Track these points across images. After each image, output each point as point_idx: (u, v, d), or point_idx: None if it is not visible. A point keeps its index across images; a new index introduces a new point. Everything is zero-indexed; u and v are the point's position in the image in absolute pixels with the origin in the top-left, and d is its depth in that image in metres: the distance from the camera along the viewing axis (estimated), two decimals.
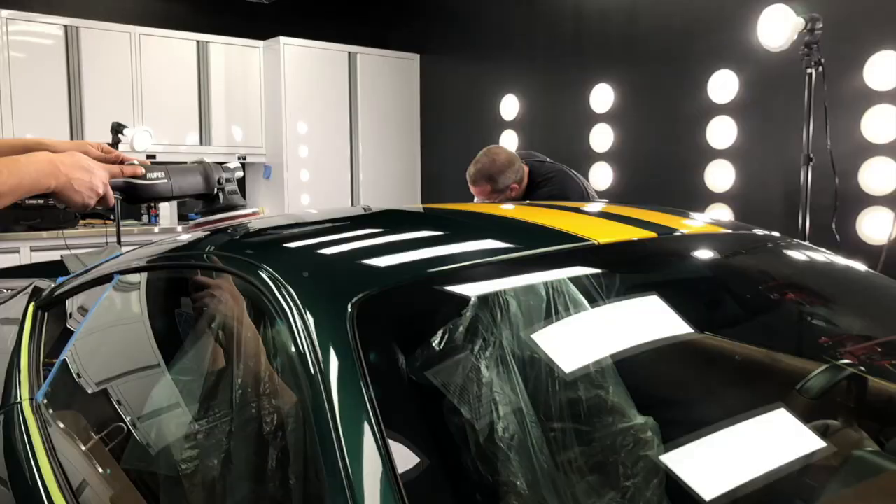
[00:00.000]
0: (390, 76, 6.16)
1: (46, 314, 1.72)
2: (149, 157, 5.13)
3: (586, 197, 3.11)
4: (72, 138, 4.98)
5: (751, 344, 1.34)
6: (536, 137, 5.41)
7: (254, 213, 1.56)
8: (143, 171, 1.33)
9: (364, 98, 6.01)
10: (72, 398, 1.33)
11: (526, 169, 3.03)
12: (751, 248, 1.36)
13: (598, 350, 1.20)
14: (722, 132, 4.32)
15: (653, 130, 4.70)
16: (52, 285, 1.97)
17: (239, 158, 5.73)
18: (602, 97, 4.93)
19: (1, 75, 4.68)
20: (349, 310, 0.92)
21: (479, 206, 1.63)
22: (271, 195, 5.85)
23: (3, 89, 4.69)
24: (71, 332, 1.55)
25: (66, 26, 4.90)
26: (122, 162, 1.37)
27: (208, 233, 1.38)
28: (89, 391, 1.33)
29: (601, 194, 4.91)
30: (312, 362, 0.89)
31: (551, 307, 1.19)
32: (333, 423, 0.79)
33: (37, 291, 1.94)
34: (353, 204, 6.03)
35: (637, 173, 4.82)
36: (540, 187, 3.03)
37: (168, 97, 5.32)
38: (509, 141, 5.57)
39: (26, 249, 4.54)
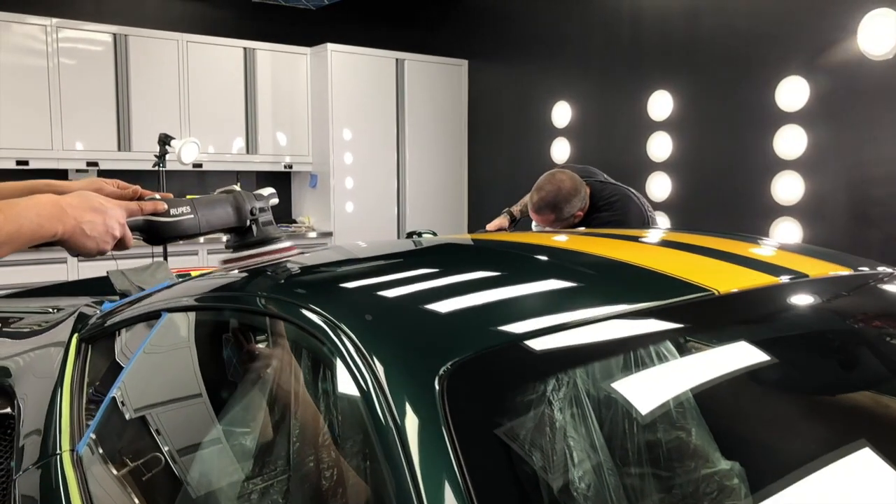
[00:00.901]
0: (437, 82, 6.03)
1: (90, 348, 1.61)
2: (195, 166, 5.07)
3: (648, 224, 2.92)
4: (119, 148, 4.95)
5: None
6: (590, 146, 5.21)
7: (289, 248, 1.41)
8: (166, 206, 1.18)
9: (411, 105, 5.88)
10: (115, 453, 1.20)
11: (587, 190, 2.86)
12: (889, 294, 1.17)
13: (679, 388, 1.03)
14: (790, 142, 4.08)
15: (715, 139, 4.48)
16: (98, 313, 1.86)
17: (285, 167, 5.66)
18: (661, 104, 4.72)
19: (50, 83, 4.66)
20: (437, 382, 0.76)
21: (565, 239, 1.46)
22: (317, 204, 5.76)
23: (53, 98, 4.67)
24: (116, 371, 1.43)
25: (114, 34, 4.86)
26: (141, 198, 1.23)
27: (264, 272, 1.24)
28: (134, 446, 1.21)
29: (659, 206, 4.70)
30: (393, 445, 0.74)
31: (647, 357, 1.03)
32: None
33: (81, 318, 1.83)
34: (398, 212, 5.91)
35: (698, 184, 4.60)
36: (600, 211, 2.85)
37: (215, 105, 5.26)
38: (561, 149, 5.39)
39: (73, 260, 4.51)
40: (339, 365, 0.84)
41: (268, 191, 1.40)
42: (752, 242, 1.49)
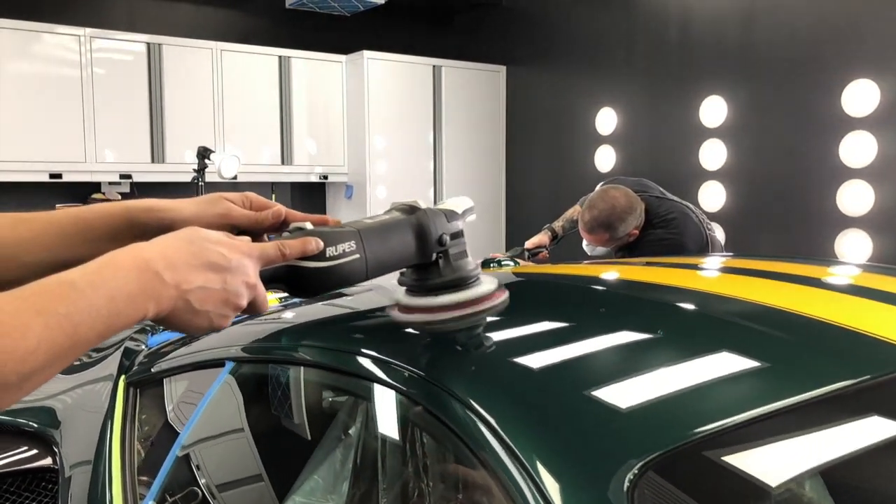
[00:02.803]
0: (475, 89, 5.85)
1: (139, 393, 1.44)
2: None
3: (707, 244, 2.72)
4: (153, 160, 4.82)
5: None
6: (637, 154, 5.00)
7: (498, 294, 0.95)
8: (320, 244, 0.76)
9: (448, 112, 5.71)
10: None
11: (642, 207, 2.66)
12: None
13: None
14: (858, 149, 3.85)
15: (774, 147, 4.25)
16: (144, 351, 1.69)
17: (320, 177, 5.51)
18: (713, 110, 4.50)
19: (84, 95, 4.55)
20: (626, 489, 0.58)
21: (711, 277, 1.25)
22: (353, 215, 5.59)
23: (87, 109, 4.56)
24: (173, 427, 1.26)
25: (148, 43, 4.74)
26: (282, 226, 0.83)
27: (341, 318, 1.05)
28: None
29: (712, 217, 4.47)
30: None
31: None
32: None
33: (127, 354, 1.67)
34: None
35: (754, 194, 4.37)
36: (656, 228, 2.66)
37: (249, 115, 5.12)
38: (606, 157, 5.18)
39: None
40: (483, 472, 0.65)
41: (461, 203, 0.95)
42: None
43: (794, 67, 4.10)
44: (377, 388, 0.90)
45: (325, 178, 5.53)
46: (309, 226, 0.79)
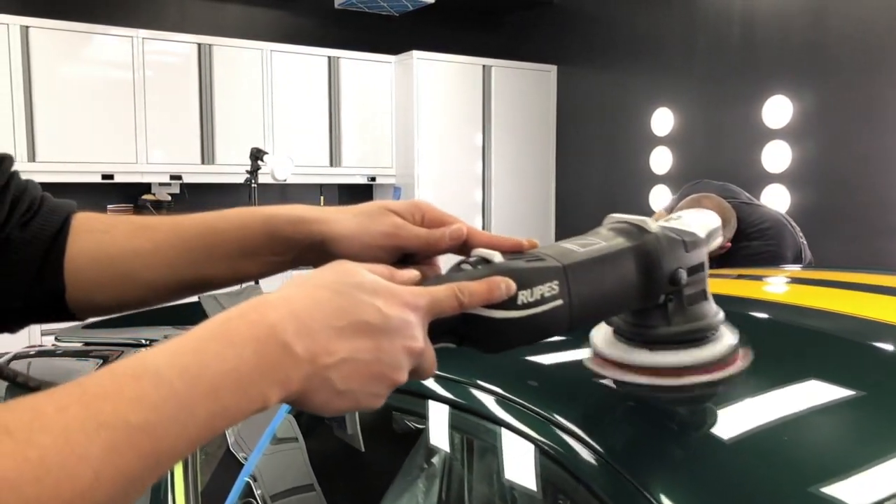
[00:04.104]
0: (525, 89, 5.73)
1: None
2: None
3: (801, 254, 2.55)
4: (203, 161, 4.80)
5: None
6: (695, 156, 4.83)
7: (744, 351, 0.71)
8: (512, 288, 0.54)
9: (498, 113, 5.60)
10: None
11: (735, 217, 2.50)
12: None
13: None
14: None
15: (842, 148, 4.05)
16: None
17: (369, 179, 5.44)
18: (778, 110, 4.32)
19: (136, 96, 4.55)
20: None
21: None
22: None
23: (138, 111, 4.56)
24: (234, 452, 1.18)
25: (199, 44, 4.73)
26: (461, 248, 0.62)
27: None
28: None
29: None
30: None
31: None
32: None
33: None
34: (483, 226, 5.62)
35: (822, 198, 4.17)
36: (751, 239, 2.49)
37: (298, 116, 5.09)
38: (662, 159, 5.01)
39: None
40: None
41: (704, 222, 0.70)
42: None
43: (866, 64, 3.90)
44: (514, 439, 0.73)
45: (373, 179, 5.47)
46: (498, 256, 0.56)
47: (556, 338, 0.59)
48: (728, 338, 0.69)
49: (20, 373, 0.46)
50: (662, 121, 5.01)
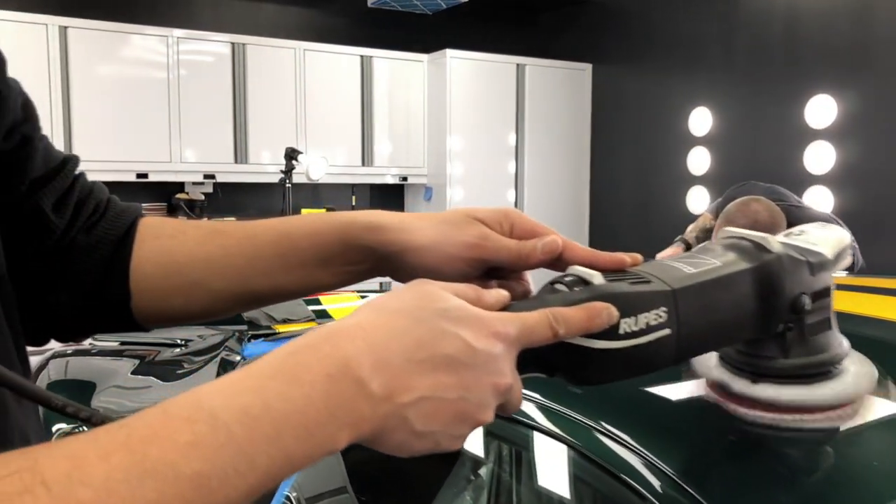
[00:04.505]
0: (560, 88, 5.66)
1: None
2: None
3: (855, 259, 2.46)
4: (236, 160, 4.81)
5: None
6: (734, 156, 4.73)
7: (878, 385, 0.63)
8: (614, 315, 0.46)
9: (532, 112, 5.53)
10: None
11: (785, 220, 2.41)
12: None
13: None
14: None
15: (890, 149, 3.93)
16: (240, 363, 1.60)
17: (401, 179, 5.41)
18: (821, 110, 4.20)
19: (170, 95, 4.57)
20: None
21: None
22: None
23: (172, 110, 4.58)
24: None
25: (232, 43, 4.74)
26: (555, 263, 0.56)
27: None
28: None
29: None
30: None
31: None
32: None
33: (224, 367, 1.58)
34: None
35: (868, 200, 4.05)
36: None
37: (331, 115, 5.07)
38: (700, 159, 4.91)
39: None
40: None
41: (833, 240, 0.61)
42: None
43: None
44: (572, 454, 0.69)
45: (405, 179, 5.44)
46: (597, 277, 0.48)
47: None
48: (855, 372, 0.60)
49: (70, 403, 0.42)
50: (700, 120, 4.91)
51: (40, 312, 0.59)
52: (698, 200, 4.92)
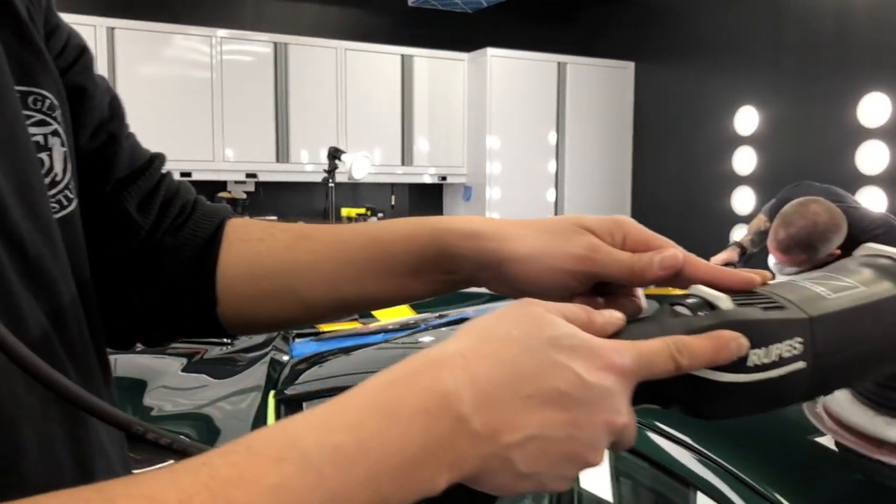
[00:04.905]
0: (601, 87, 5.59)
1: (292, 411, 1.32)
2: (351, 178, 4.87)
3: None
4: (278, 159, 4.83)
5: None
6: (781, 156, 4.62)
7: None
8: (743, 346, 0.41)
9: (573, 111, 5.48)
10: None
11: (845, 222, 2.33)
12: None
13: None
14: None
15: None
16: (288, 361, 1.59)
17: (440, 178, 5.40)
18: (875, 109, 4.08)
19: (213, 94, 4.61)
20: None
21: None
22: None
23: (216, 109, 4.62)
24: None
25: (275, 43, 4.77)
26: (673, 279, 0.49)
27: None
28: None
29: None
30: None
31: None
32: None
33: (274, 366, 1.57)
34: None
35: None
36: None
37: (371, 114, 5.08)
38: (745, 159, 4.81)
39: None
40: None
41: None
42: None
43: None
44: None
45: (444, 178, 5.42)
46: (725, 300, 0.43)
47: None
48: None
49: (150, 428, 0.39)
50: (747, 119, 4.80)
51: (125, 315, 0.58)
52: (744, 201, 4.82)
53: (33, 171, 0.46)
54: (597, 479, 0.82)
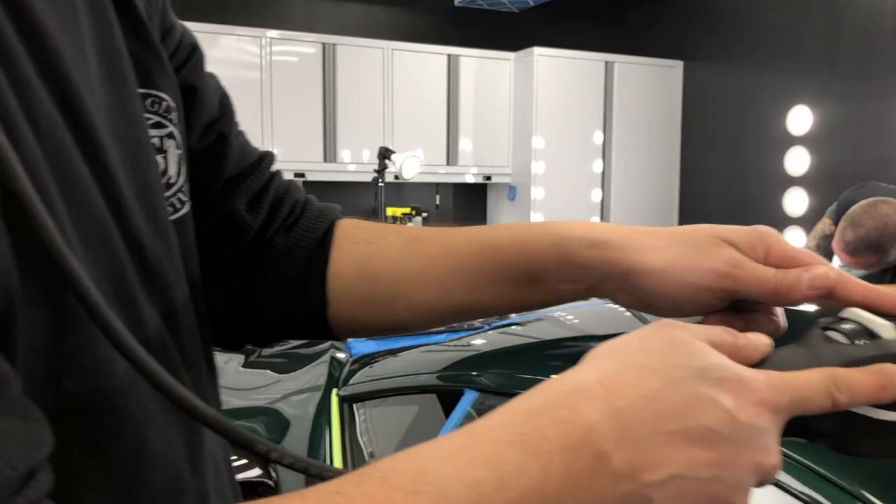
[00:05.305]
0: (649, 86, 5.52)
1: (355, 410, 1.33)
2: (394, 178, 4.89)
3: None
4: (325, 159, 4.88)
5: None
6: (837, 157, 4.50)
7: None
8: None
9: (620, 110, 5.42)
10: None
11: None
12: None
13: None
14: None
15: None
16: (347, 359, 1.60)
17: (484, 178, 5.39)
18: None
19: (263, 95, 4.67)
20: None
21: None
22: (513, 219, 5.44)
23: (265, 109, 4.68)
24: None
25: (323, 43, 4.81)
26: (824, 300, 0.44)
27: None
28: None
29: None
30: None
31: None
32: None
33: (334, 365, 1.58)
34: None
35: None
36: None
37: (417, 114, 5.09)
38: (798, 160, 4.70)
39: None
40: None
41: None
42: None
43: None
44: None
45: (489, 178, 5.41)
46: (888, 329, 0.39)
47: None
48: None
49: (274, 447, 0.39)
50: (800, 119, 4.70)
51: (234, 317, 0.58)
52: (796, 203, 4.71)
53: (153, 174, 0.46)
54: None
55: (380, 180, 3.66)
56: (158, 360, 0.36)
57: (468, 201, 5.66)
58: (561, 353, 1.11)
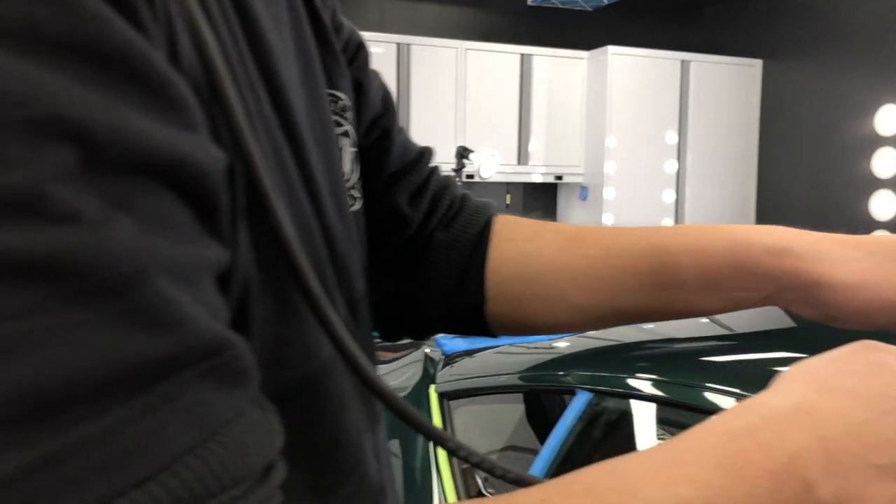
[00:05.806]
0: (726, 85, 5.39)
1: (453, 407, 1.34)
2: (468, 177, 4.90)
3: None
4: None
5: None
6: None
7: None
8: None
9: (696, 110, 5.30)
10: None
11: None
12: None
13: None
14: None
15: None
16: (440, 357, 1.61)
17: (556, 178, 5.35)
18: None
19: None
20: None
21: None
22: (585, 219, 5.39)
23: None
24: (513, 451, 1.13)
25: (397, 44, 4.85)
26: None
27: None
28: None
29: None
30: None
31: None
32: None
33: (429, 363, 1.59)
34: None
35: None
36: None
37: (489, 113, 5.08)
38: (887, 161, 4.52)
39: None
40: None
41: None
42: None
43: None
44: None
45: (560, 178, 5.36)
46: None
47: None
48: None
49: (462, 445, 0.39)
50: (889, 119, 4.51)
51: (395, 309, 0.59)
52: (884, 206, 4.53)
53: (339, 170, 0.47)
54: None
55: (458, 179, 3.67)
56: None
57: (538, 201, 5.63)
58: (667, 354, 1.08)
